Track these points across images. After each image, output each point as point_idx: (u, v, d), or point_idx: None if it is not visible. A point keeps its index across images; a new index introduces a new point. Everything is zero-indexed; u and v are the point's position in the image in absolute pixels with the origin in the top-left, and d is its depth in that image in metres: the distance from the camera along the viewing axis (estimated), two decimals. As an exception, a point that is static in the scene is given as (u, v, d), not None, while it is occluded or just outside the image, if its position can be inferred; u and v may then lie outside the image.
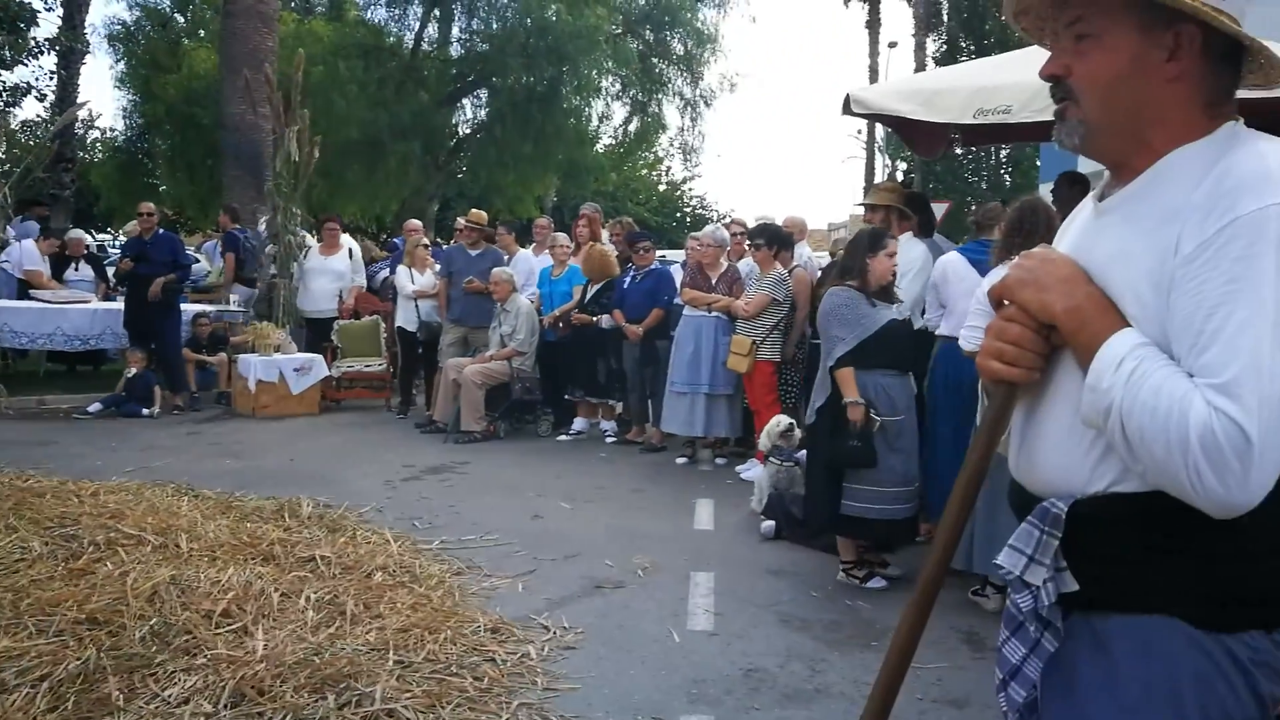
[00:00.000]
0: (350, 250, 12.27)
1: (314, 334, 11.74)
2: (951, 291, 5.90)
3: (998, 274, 4.66)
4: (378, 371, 11.60)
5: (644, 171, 38.17)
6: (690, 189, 44.84)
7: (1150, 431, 1.42)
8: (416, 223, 12.53)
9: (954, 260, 6.06)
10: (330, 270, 11.77)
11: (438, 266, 10.99)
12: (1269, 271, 1.40)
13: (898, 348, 5.58)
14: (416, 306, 10.88)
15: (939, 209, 15.12)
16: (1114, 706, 1.58)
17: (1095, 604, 1.60)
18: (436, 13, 22.43)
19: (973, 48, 32.04)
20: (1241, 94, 1.65)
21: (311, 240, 11.97)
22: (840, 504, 5.50)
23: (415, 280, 10.97)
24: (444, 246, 12.70)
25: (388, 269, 12.49)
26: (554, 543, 6.27)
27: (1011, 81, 6.18)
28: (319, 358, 11.18)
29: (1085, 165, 4.85)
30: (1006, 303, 1.68)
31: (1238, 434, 1.37)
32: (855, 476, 5.46)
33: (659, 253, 14.02)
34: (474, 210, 11.64)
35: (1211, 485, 1.39)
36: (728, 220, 14.44)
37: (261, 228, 12.36)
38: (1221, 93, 1.60)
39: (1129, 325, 1.53)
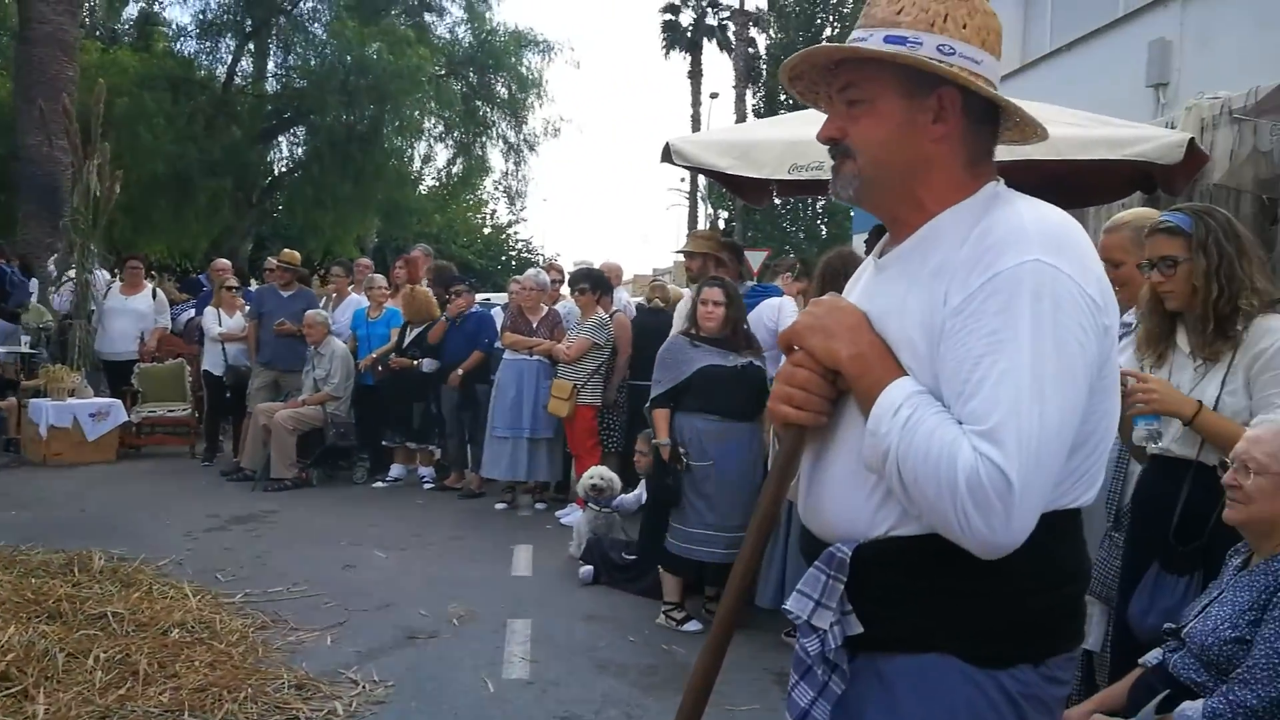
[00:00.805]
0: (154, 290, 11.74)
1: (113, 378, 11.14)
2: None
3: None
4: (182, 416, 11.07)
5: (468, 214, 37.93)
6: (516, 233, 44.85)
7: (923, 475, 1.48)
8: (224, 262, 12.06)
9: None
10: (131, 311, 11.21)
11: (247, 308, 10.60)
12: (1025, 323, 1.49)
13: (719, 393, 5.62)
14: (223, 349, 10.46)
15: (758, 257, 15.53)
16: None
17: (879, 645, 1.65)
18: (251, 47, 21.85)
19: (791, 101, 33.14)
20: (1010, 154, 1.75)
21: (108, 278, 11.36)
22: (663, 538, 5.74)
23: (223, 322, 10.55)
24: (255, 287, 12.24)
25: (192, 310, 11.99)
26: (366, 593, 6.08)
27: (824, 137, 6.37)
28: (117, 402, 10.62)
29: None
30: (796, 348, 1.72)
31: (1000, 478, 1.44)
32: (674, 515, 5.67)
33: (484, 296, 13.96)
34: (286, 250, 11.31)
35: (978, 526, 1.45)
36: (549, 264, 14.48)
37: (50, 266, 11.71)
38: (982, 152, 1.71)
39: (907, 374, 1.59)
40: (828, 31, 32.28)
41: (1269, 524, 2.71)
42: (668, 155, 6.93)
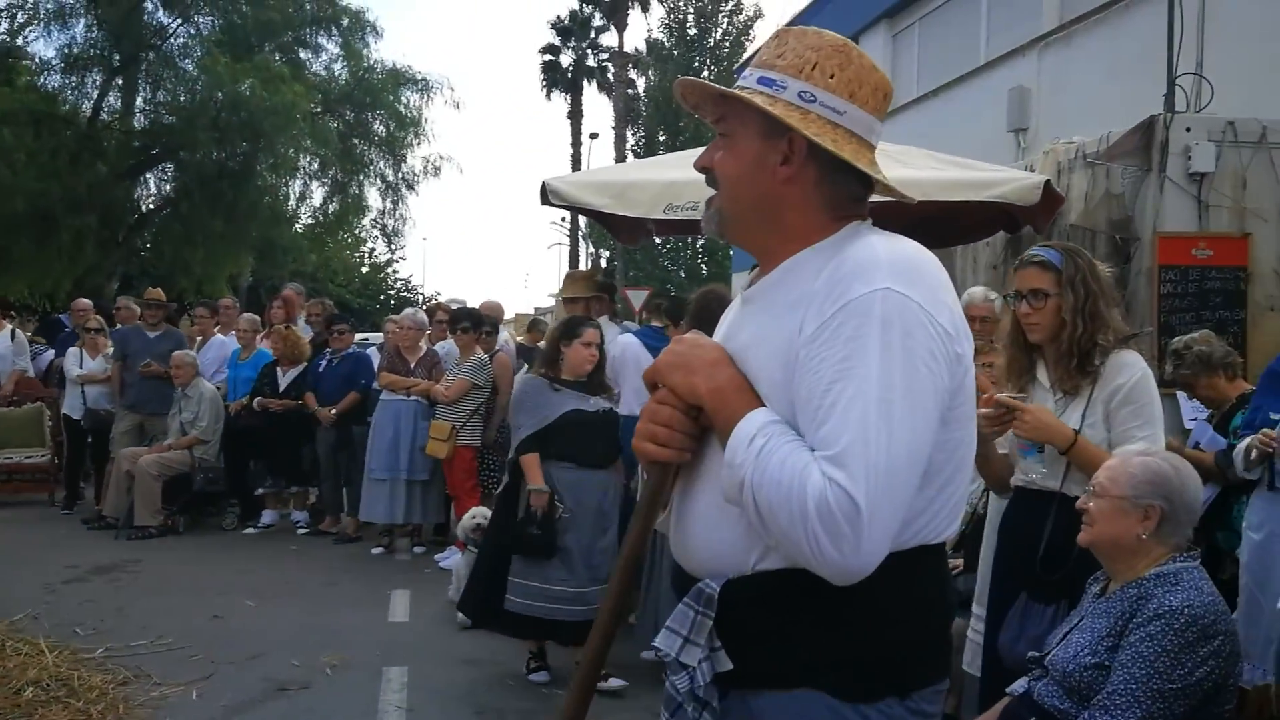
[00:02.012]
0: (13, 331, 11.24)
1: (-35, 423, 10.59)
2: (629, 373, 6.01)
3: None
4: (40, 463, 10.56)
5: (346, 253, 37.32)
6: (395, 271, 44.35)
7: (776, 503, 1.49)
8: (85, 302, 11.57)
9: (632, 343, 6.26)
10: (-13, 352, 10.71)
11: (110, 349, 10.21)
12: (875, 350, 1.51)
13: (581, 439, 5.29)
14: (83, 392, 10.05)
15: (639, 295, 15.65)
16: None
17: (749, 681, 1.65)
18: (119, 82, 21.20)
19: (669, 142, 33.68)
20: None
21: None
22: (503, 598, 5.20)
23: (84, 363, 10.14)
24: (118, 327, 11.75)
25: (51, 352, 11.51)
26: (235, 644, 5.88)
27: (699, 178, 6.43)
28: (-31, 450, 10.10)
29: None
30: (660, 386, 1.73)
31: (848, 502, 1.45)
32: (521, 570, 5.19)
33: (361, 335, 13.71)
34: (151, 288, 10.95)
35: (829, 551, 1.46)
36: (433, 302, 14.30)
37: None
38: (845, 197, 1.73)
39: (764, 405, 1.61)
40: (704, 74, 32.85)
41: (1112, 545, 2.80)
42: (545, 195, 6.92)
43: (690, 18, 36.99)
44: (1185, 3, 7.54)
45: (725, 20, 36.95)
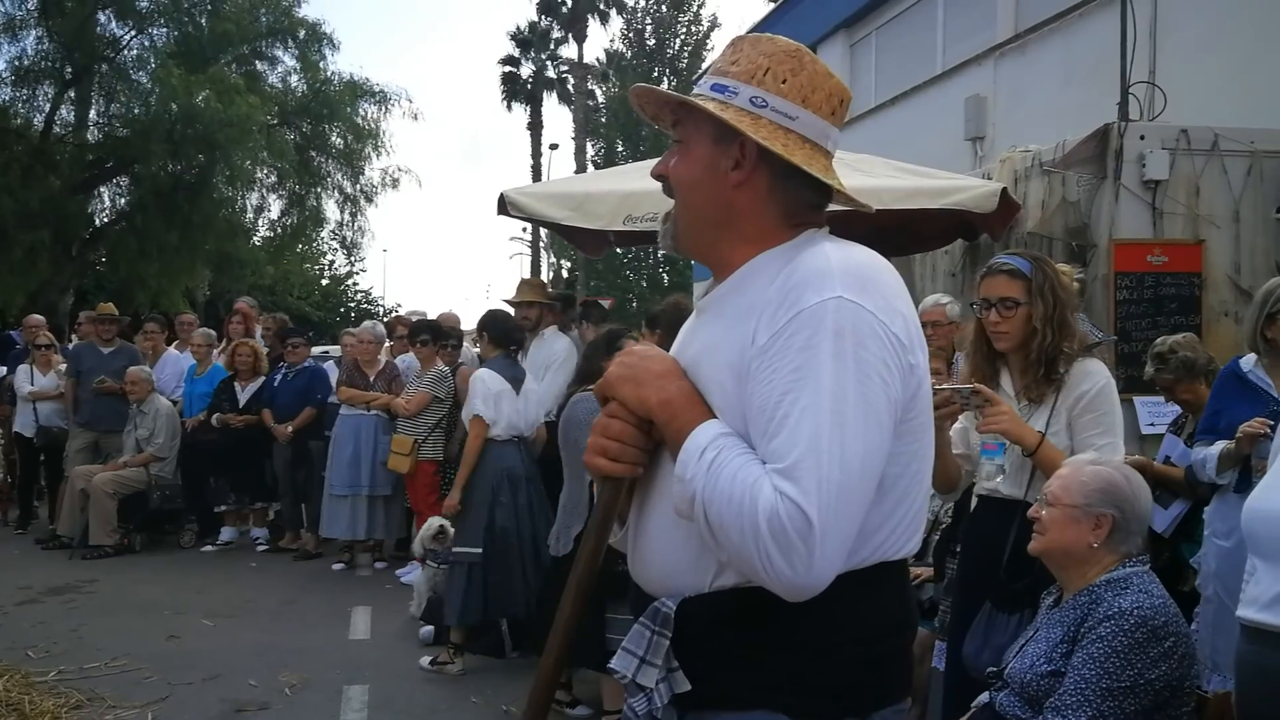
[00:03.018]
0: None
1: (-85, 442, 10.38)
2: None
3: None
4: (-8, 482, 10.41)
5: (305, 265, 36.97)
6: (355, 284, 44.01)
7: (727, 517, 1.47)
8: (37, 318, 11.37)
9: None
10: (-64, 370, 10.50)
11: (63, 365, 10.03)
12: (827, 360, 1.49)
13: None
14: (34, 409, 9.88)
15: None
16: None
17: (708, 703, 1.61)
18: (71, 94, 20.94)
19: (629, 152, 33.72)
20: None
21: None
22: (604, 638, 4.67)
23: (35, 380, 9.96)
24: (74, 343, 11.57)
25: (2, 369, 11.31)
26: (192, 664, 5.80)
27: (659, 188, 6.41)
28: (-82, 469, 9.90)
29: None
30: (611, 399, 1.70)
31: (800, 516, 1.42)
32: (616, 606, 4.69)
33: (321, 348, 13.58)
34: (103, 303, 10.79)
35: (780, 567, 1.44)
36: (393, 316, 14.19)
37: None
38: (799, 205, 1.71)
39: (716, 417, 1.58)
40: (664, 84, 32.93)
41: (1063, 553, 2.81)
42: (504, 207, 6.87)
43: (649, 28, 37.10)
44: (1138, 13, 7.62)
45: (684, 31, 37.10)
